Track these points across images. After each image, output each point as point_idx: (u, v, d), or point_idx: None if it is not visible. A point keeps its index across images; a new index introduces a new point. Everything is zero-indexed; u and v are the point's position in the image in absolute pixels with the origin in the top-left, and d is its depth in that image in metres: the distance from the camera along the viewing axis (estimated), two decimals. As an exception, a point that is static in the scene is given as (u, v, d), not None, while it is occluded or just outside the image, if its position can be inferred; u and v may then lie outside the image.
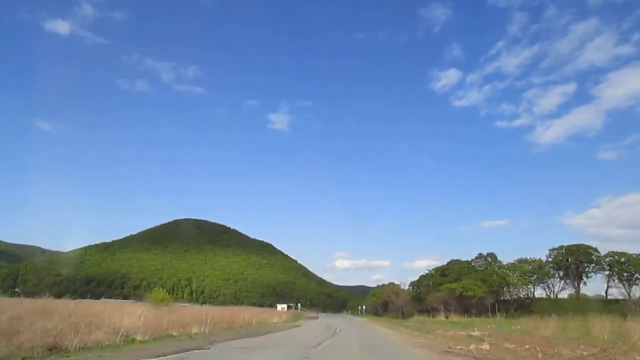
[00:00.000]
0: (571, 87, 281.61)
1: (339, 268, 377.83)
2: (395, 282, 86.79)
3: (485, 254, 55.26)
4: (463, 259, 56.73)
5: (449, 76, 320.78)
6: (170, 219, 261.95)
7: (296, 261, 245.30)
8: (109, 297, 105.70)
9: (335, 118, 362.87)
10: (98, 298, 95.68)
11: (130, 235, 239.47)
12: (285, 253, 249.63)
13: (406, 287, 72.66)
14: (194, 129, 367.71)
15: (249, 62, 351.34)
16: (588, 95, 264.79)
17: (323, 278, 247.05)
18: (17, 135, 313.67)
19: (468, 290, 45.33)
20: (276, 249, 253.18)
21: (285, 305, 75.96)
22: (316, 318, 55.60)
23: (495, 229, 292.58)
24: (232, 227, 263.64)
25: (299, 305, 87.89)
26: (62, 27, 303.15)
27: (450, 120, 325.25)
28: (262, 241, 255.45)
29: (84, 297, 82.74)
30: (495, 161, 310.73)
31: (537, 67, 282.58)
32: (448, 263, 57.96)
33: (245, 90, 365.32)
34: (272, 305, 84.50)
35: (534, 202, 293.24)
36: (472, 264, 56.10)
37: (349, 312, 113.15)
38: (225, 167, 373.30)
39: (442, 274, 56.43)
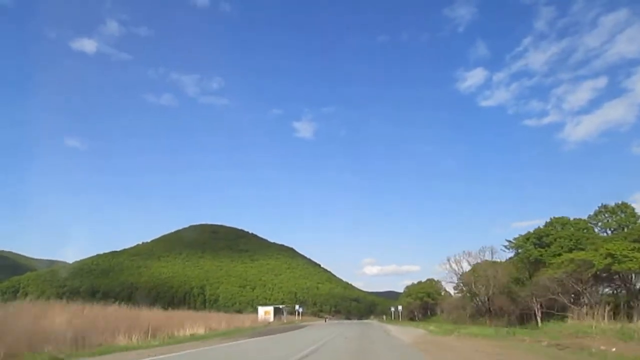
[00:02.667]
0: (602, 82, 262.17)
1: (368, 274, 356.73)
2: (435, 279, 71.02)
3: (612, 205, 31.04)
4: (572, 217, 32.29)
5: (475, 76, 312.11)
6: (186, 225, 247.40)
7: (320, 265, 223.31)
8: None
9: (360, 123, 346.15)
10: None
11: (143, 242, 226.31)
12: (308, 257, 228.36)
13: (446, 284, 61.42)
14: (218, 138, 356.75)
15: (271, 70, 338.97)
16: (620, 88, 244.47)
17: (352, 284, 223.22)
18: (46, 152, 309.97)
19: (623, 262, 21.65)
20: (298, 253, 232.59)
21: (270, 309, 52.27)
22: (298, 329, 31.44)
23: (526, 230, 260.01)
24: (250, 232, 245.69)
25: (297, 308, 63.96)
26: (88, 45, 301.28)
27: (477, 120, 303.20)
28: (282, 245, 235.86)
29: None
30: (523, 160, 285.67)
31: (566, 63, 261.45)
32: (546, 225, 33.69)
33: (269, 99, 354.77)
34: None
35: (564, 201, 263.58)
36: (590, 224, 32.13)
37: (384, 317, 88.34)
38: (247, 173, 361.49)
39: (537, 243, 32.11)
